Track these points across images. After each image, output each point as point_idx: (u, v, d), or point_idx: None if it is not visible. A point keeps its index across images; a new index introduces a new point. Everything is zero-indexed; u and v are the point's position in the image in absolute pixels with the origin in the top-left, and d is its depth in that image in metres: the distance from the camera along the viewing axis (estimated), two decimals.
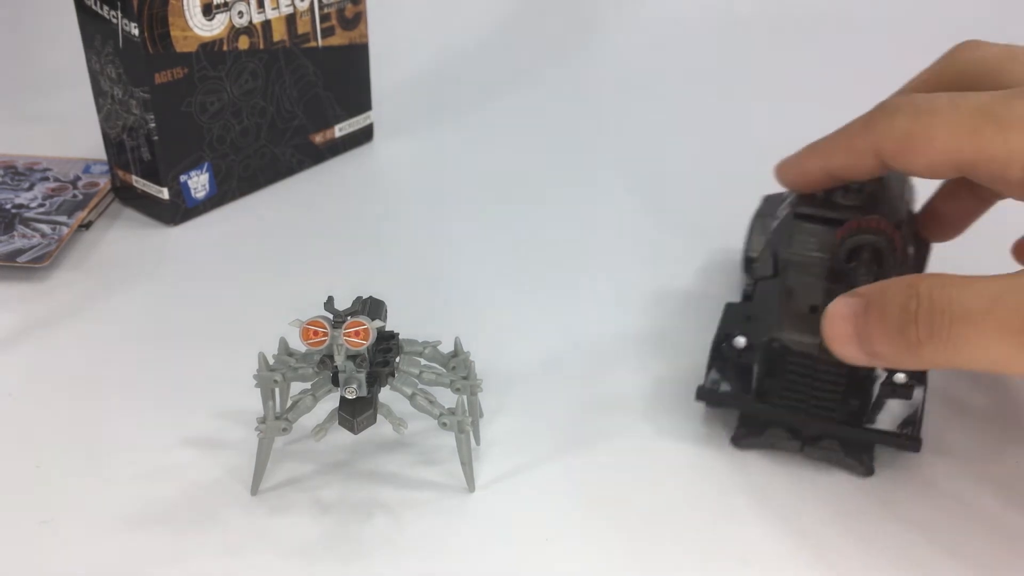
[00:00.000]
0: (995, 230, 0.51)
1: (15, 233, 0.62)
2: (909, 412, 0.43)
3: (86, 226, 0.64)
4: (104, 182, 0.68)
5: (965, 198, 0.50)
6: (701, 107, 0.87)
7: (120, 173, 0.67)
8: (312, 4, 0.69)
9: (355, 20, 0.73)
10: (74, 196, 0.67)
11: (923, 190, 0.52)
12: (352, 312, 0.40)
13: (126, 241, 0.64)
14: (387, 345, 0.42)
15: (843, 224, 0.45)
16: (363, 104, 0.77)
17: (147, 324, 0.56)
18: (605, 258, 0.63)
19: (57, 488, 0.44)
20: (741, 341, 0.45)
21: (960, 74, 0.43)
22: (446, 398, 0.43)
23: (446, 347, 0.45)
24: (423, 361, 0.44)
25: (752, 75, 0.93)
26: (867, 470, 0.43)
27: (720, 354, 0.46)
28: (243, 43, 0.66)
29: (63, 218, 0.64)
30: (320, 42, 0.71)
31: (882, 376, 0.44)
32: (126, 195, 0.68)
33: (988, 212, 0.50)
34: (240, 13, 0.65)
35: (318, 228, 0.67)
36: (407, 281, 0.60)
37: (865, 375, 0.43)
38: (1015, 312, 0.34)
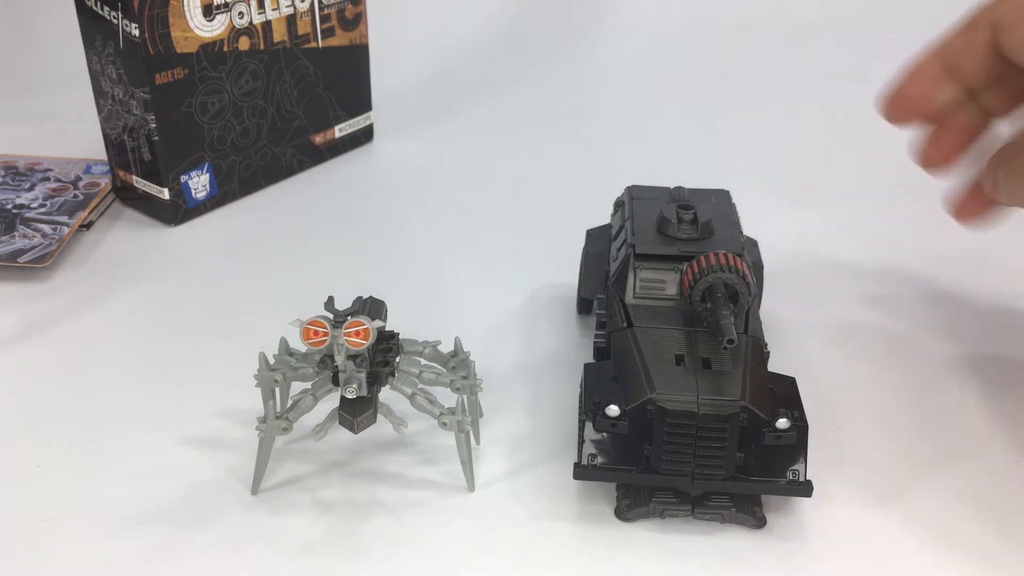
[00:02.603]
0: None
1: (16, 233, 0.62)
2: (796, 457, 0.41)
3: (87, 226, 0.64)
4: (105, 182, 0.68)
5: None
6: (703, 107, 0.87)
7: (121, 173, 0.67)
8: (312, 5, 0.69)
9: (355, 21, 0.73)
10: (75, 196, 0.67)
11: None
12: (352, 312, 0.40)
13: (127, 241, 0.64)
14: (387, 345, 0.42)
15: (686, 260, 0.44)
16: (363, 104, 0.77)
17: (147, 324, 0.56)
18: None
19: (57, 488, 0.44)
20: (614, 410, 0.40)
21: None
22: (446, 398, 0.43)
23: (446, 347, 0.45)
24: (423, 361, 0.44)
25: (752, 76, 0.93)
26: (760, 522, 0.41)
27: (592, 425, 0.41)
28: (243, 44, 0.66)
29: (64, 218, 0.64)
30: (320, 43, 0.71)
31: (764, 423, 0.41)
32: (127, 195, 0.68)
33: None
34: (240, 14, 0.65)
35: (318, 228, 0.67)
36: (407, 281, 0.60)
37: (748, 425, 0.40)
38: None
